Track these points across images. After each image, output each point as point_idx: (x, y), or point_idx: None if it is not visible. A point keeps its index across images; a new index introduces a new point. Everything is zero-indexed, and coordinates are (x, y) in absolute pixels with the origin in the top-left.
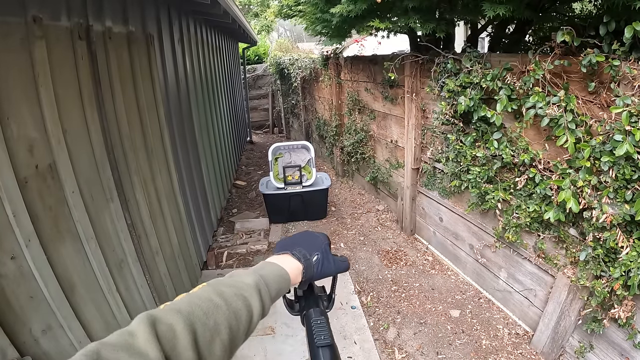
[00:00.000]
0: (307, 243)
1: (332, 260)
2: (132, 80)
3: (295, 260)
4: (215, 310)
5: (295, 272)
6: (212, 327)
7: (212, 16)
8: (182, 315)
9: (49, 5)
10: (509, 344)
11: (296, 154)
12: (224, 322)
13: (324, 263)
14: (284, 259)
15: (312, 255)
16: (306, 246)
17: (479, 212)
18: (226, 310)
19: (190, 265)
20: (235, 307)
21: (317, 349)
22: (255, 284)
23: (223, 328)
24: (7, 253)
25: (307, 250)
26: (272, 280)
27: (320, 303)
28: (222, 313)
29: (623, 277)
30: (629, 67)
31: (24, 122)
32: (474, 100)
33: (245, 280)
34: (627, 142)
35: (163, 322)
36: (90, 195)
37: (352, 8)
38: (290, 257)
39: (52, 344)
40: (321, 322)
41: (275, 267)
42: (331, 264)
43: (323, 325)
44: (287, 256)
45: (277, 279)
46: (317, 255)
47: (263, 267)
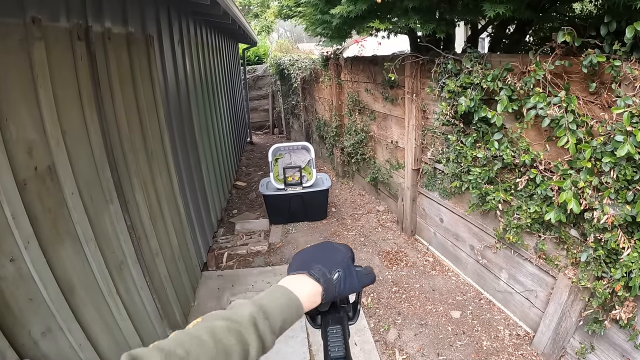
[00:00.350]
0: (327, 258)
1: (356, 275)
2: (132, 81)
3: (314, 282)
4: (199, 348)
5: (312, 295)
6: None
7: (212, 17)
8: (162, 353)
9: (47, 6)
10: (510, 345)
11: (296, 154)
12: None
13: (346, 280)
14: (299, 281)
15: (332, 272)
16: (326, 262)
17: (479, 213)
18: (212, 348)
19: (191, 267)
20: (226, 343)
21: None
22: (251, 316)
23: None
24: (6, 255)
25: (327, 267)
26: (276, 310)
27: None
28: (208, 351)
29: (624, 278)
30: (630, 67)
31: (23, 123)
32: (474, 100)
33: (242, 312)
34: (628, 143)
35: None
36: (90, 197)
37: (352, 9)
38: (307, 278)
39: (51, 346)
40: (337, 332)
41: (284, 293)
42: (355, 279)
43: (338, 336)
44: (304, 277)
45: (282, 308)
46: (339, 272)
47: (269, 294)
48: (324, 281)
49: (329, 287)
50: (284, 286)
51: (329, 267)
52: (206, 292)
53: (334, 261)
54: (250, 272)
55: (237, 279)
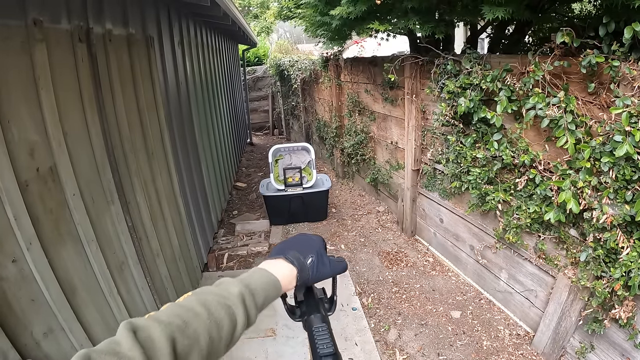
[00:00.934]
0: (301, 246)
1: (328, 262)
2: (133, 82)
3: (289, 264)
4: (195, 319)
5: (288, 277)
6: (191, 335)
7: (212, 18)
8: (162, 323)
9: (49, 8)
10: (510, 345)
11: (296, 155)
12: (204, 331)
13: (318, 266)
14: (277, 264)
15: (306, 258)
16: (300, 249)
17: (479, 213)
18: (207, 319)
19: (191, 267)
20: (217, 316)
21: (321, 358)
22: (240, 294)
23: (202, 337)
24: (9, 256)
25: (301, 253)
26: (259, 288)
27: (322, 307)
28: (203, 322)
29: (624, 277)
30: (628, 67)
31: (24, 125)
32: (474, 101)
33: (230, 290)
34: (627, 143)
35: (143, 331)
36: (91, 198)
37: (352, 10)
38: (283, 262)
39: (53, 346)
40: (323, 330)
41: (264, 274)
42: (327, 266)
43: (325, 333)
44: (280, 260)
45: (264, 287)
46: (312, 258)
47: (251, 275)
48: (298, 264)
49: (303, 269)
50: (263, 268)
51: (303, 253)
52: None
53: (307, 248)
54: None
55: None
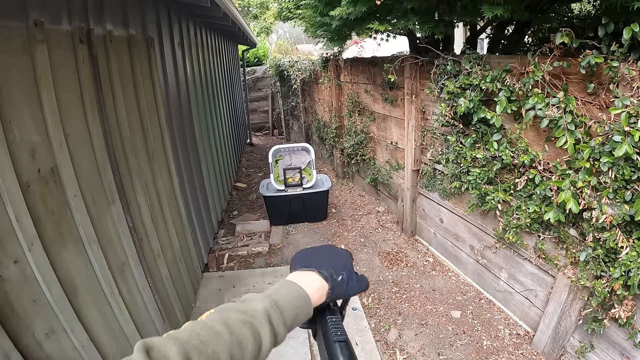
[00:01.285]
0: (333, 260)
1: (356, 280)
2: (133, 83)
3: (322, 280)
4: (216, 339)
5: (319, 292)
6: (210, 355)
7: (212, 19)
8: (178, 342)
9: (50, 9)
10: (510, 345)
11: (296, 156)
12: (225, 351)
13: (348, 283)
14: (309, 278)
15: (338, 274)
16: (333, 264)
17: (479, 213)
18: (228, 339)
19: (192, 268)
20: (239, 335)
21: (335, 343)
22: (265, 310)
23: (223, 357)
24: (10, 257)
25: (334, 269)
26: (288, 304)
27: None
28: (224, 342)
29: (623, 277)
30: (627, 68)
31: (26, 126)
32: (473, 101)
33: (255, 306)
34: (626, 143)
35: (157, 350)
36: (92, 199)
37: (352, 10)
38: (315, 275)
39: (55, 347)
40: (337, 320)
41: (294, 288)
42: (354, 284)
43: (339, 323)
44: (313, 274)
45: (294, 303)
46: (343, 275)
47: (280, 289)
48: (332, 281)
49: (335, 286)
50: (294, 282)
51: (336, 269)
52: (207, 293)
53: (339, 264)
54: (252, 273)
55: (238, 280)
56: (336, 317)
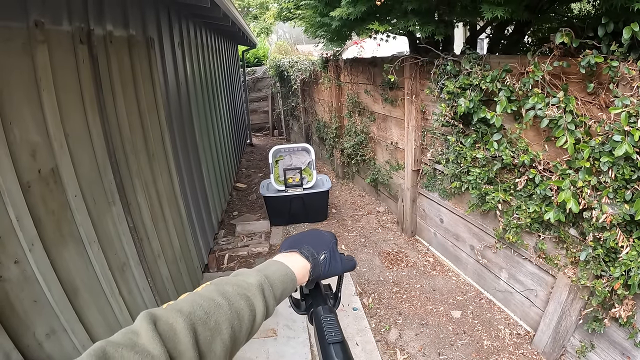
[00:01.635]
0: (314, 241)
1: (339, 259)
2: (133, 83)
3: (303, 259)
4: (217, 310)
5: (302, 271)
6: (213, 326)
7: (212, 19)
8: (183, 314)
9: (50, 9)
10: (511, 344)
11: (296, 156)
12: (226, 322)
13: (331, 262)
14: (291, 258)
15: (319, 254)
16: (314, 244)
17: (479, 213)
18: (228, 310)
19: (192, 268)
20: (237, 306)
21: (329, 345)
22: (259, 284)
23: (224, 328)
24: (11, 257)
25: (315, 248)
26: (277, 280)
27: (327, 301)
28: (224, 313)
29: (623, 276)
30: (627, 67)
31: (26, 126)
32: (473, 101)
33: (249, 280)
34: (626, 143)
35: (164, 321)
36: (93, 199)
37: (352, 11)
38: (298, 256)
39: (56, 347)
40: (331, 319)
41: (281, 266)
42: (338, 262)
43: (333, 322)
44: (295, 254)
45: (282, 279)
46: (325, 254)
47: (268, 266)
48: (312, 259)
49: (316, 265)
50: (279, 261)
51: (317, 249)
52: None
53: (321, 244)
54: None
55: None
56: (330, 316)
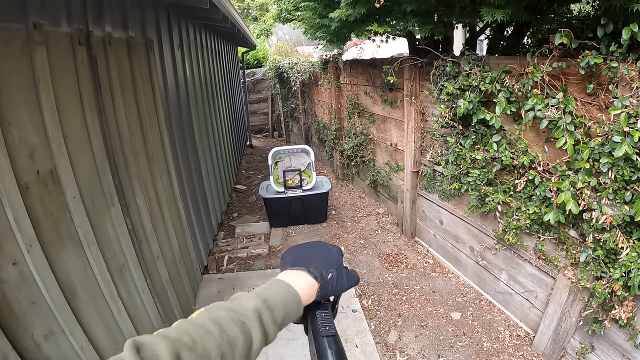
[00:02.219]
0: (322, 258)
1: (346, 277)
2: (132, 85)
3: (312, 279)
4: (206, 337)
5: (309, 291)
6: (200, 353)
7: (212, 21)
8: (168, 340)
9: (49, 11)
10: (510, 346)
11: (296, 157)
12: (215, 349)
13: (338, 280)
14: (298, 276)
15: (327, 272)
16: (322, 262)
17: (479, 215)
18: (218, 337)
19: (191, 270)
20: (230, 334)
21: (322, 337)
22: (256, 309)
23: (213, 355)
24: (9, 258)
25: (324, 266)
26: (278, 302)
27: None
28: (213, 339)
29: (623, 277)
30: (627, 68)
31: (24, 127)
32: (473, 103)
33: (246, 305)
34: (626, 143)
35: (148, 348)
36: (91, 200)
37: (351, 12)
38: (305, 275)
39: (54, 349)
40: (326, 315)
41: (284, 287)
42: (344, 280)
43: (328, 318)
44: (303, 273)
45: (284, 301)
46: (332, 273)
47: (270, 287)
48: (321, 279)
49: (324, 285)
50: (284, 280)
51: (325, 267)
52: (207, 295)
53: (328, 262)
54: (251, 275)
55: (238, 282)
56: (325, 312)
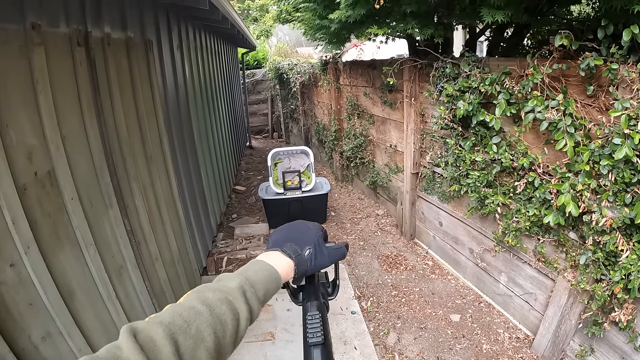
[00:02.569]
0: (299, 236)
1: (327, 252)
2: (131, 86)
3: (286, 257)
4: (197, 317)
5: (286, 269)
6: (194, 334)
7: (211, 22)
8: (162, 325)
9: (47, 11)
10: (510, 348)
11: (295, 159)
12: (208, 329)
13: (317, 256)
14: (274, 257)
15: (303, 249)
16: (298, 240)
17: (478, 217)
18: (209, 317)
19: (190, 271)
20: (219, 312)
21: (310, 347)
22: (240, 287)
23: (207, 334)
24: (6, 260)
25: (299, 244)
26: (259, 280)
27: (321, 293)
28: (205, 319)
29: (623, 280)
30: (627, 70)
31: (22, 129)
32: (472, 104)
33: (230, 284)
34: (626, 146)
35: (144, 334)
36: (89, 202)
37: (351, 13)
38: (280, 254)
39: (51, 351)
40: (315, 318)
41: (263, 266)
42: (325, 256)
43: (317, 322)
44: (277, 253)
45: (264, 279)
46: (310, 249)
47: (250, 267)
48: (296, 257)
49: (300, 262)
50: (262, 260)
51: (301, 245)
52: None
53: (305, 239)
54: None
55: None
56: (315, 314)
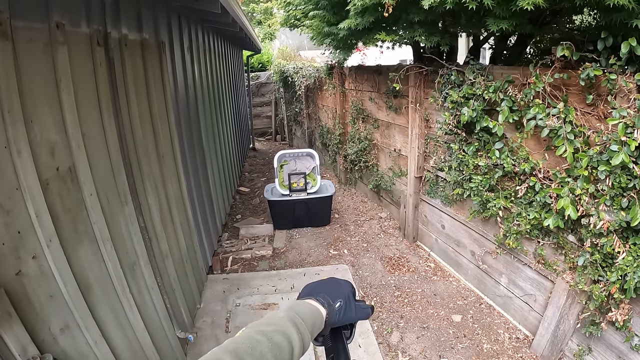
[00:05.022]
0: (331, 289)
1: (354, 309)
2: (146, 86)
3: (320, 305)
4: (259, 345)
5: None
6: (258, 357)
7: (220, 24)
8: (228, 351)
9: (69, 11)
10: (510, 348)
11: (301, 161)
12: (269, 353)
13: (346, 310)
14: (309, 301)
15: (335, 301)
16: (330, 292)
17: (480, 220)
18: (268, 343)
19: (197, 269)
20: (276, 340)
21: None
22: (290, 318)
23: (270, 357)
24: (29, 252)
25: (331, 296)
26: (306, 315)
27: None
28: (265, 345)
29: (620, 281)
30: (625, 80)
31: (46, 125)
32: (476, 111)
33: (280, 316)
34: (623, 152)
35: None
36: (107, 198)
37: (360, 21)
38: (314, 302)
39: (69, 342)
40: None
41: (308, 305)
42: (352, 311)
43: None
44: (312, 301)
45: (310, 314)
46: (340, 302)
47: (295, 305)
48: (328, 307)
49: (332, 312)
50: (305, 301)
51: (333, 297)
52: (211, 295)
53: (337, 293)
54: (256, 276)
55: (243, 282)
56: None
